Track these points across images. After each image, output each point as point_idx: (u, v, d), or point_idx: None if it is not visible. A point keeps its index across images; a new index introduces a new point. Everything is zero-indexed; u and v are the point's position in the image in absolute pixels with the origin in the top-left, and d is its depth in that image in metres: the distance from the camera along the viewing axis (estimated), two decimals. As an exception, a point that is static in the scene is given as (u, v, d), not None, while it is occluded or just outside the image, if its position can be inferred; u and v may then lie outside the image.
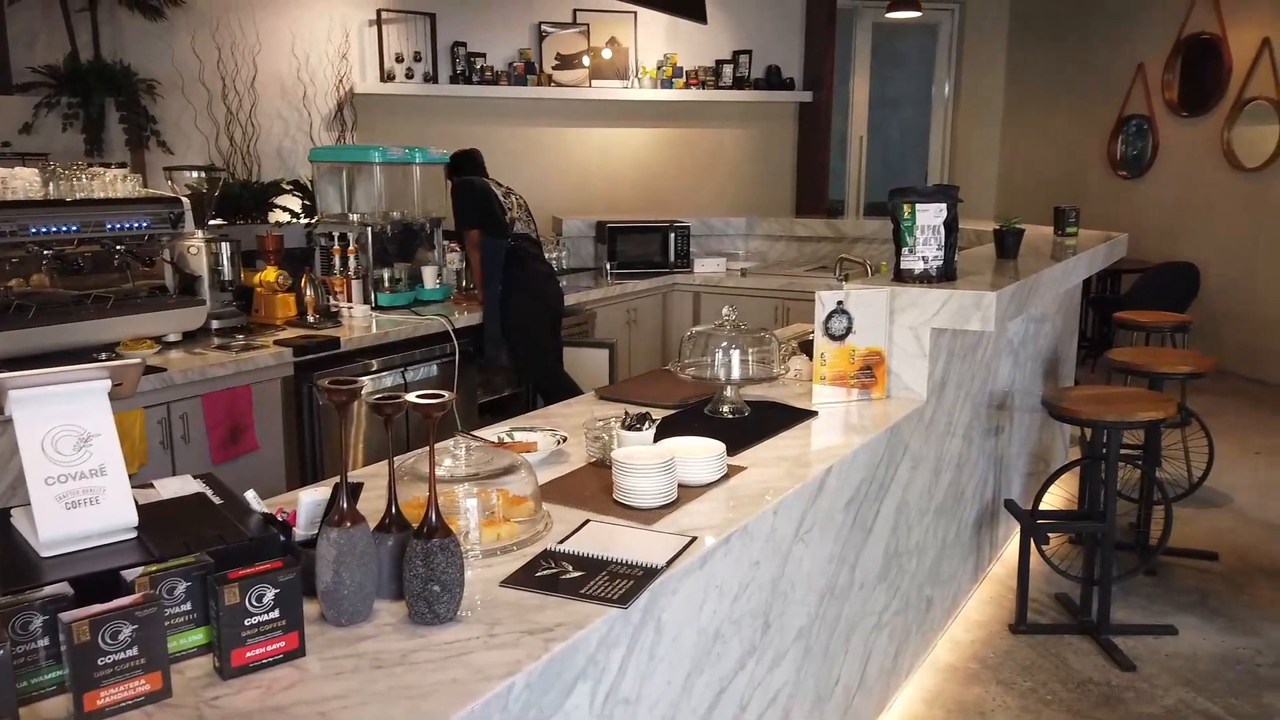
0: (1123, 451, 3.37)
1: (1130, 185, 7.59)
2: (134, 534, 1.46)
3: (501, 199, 4.28)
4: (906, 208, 2.81)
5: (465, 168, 4.43)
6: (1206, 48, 6.94)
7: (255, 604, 1.29)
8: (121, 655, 1.19)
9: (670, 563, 1.65)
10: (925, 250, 2.81)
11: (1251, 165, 6.74)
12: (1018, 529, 3.53)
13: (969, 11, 8.33)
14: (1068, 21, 7.94)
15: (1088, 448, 3.49)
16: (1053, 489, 3.58)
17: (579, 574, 1.59)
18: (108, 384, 1.48)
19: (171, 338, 3.40)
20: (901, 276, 2.84)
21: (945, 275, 2.82)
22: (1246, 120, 6.76)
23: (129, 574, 1.32)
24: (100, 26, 4.78)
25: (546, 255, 4.69)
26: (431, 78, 5.89)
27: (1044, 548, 3.45)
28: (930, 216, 2.81)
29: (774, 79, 6.85)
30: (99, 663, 1.18)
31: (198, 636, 1.33)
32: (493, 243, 4.18)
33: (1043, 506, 3.51)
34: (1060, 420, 3.48)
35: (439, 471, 1.65)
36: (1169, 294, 6.39)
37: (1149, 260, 7.02)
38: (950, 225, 2.82)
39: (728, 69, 6.72)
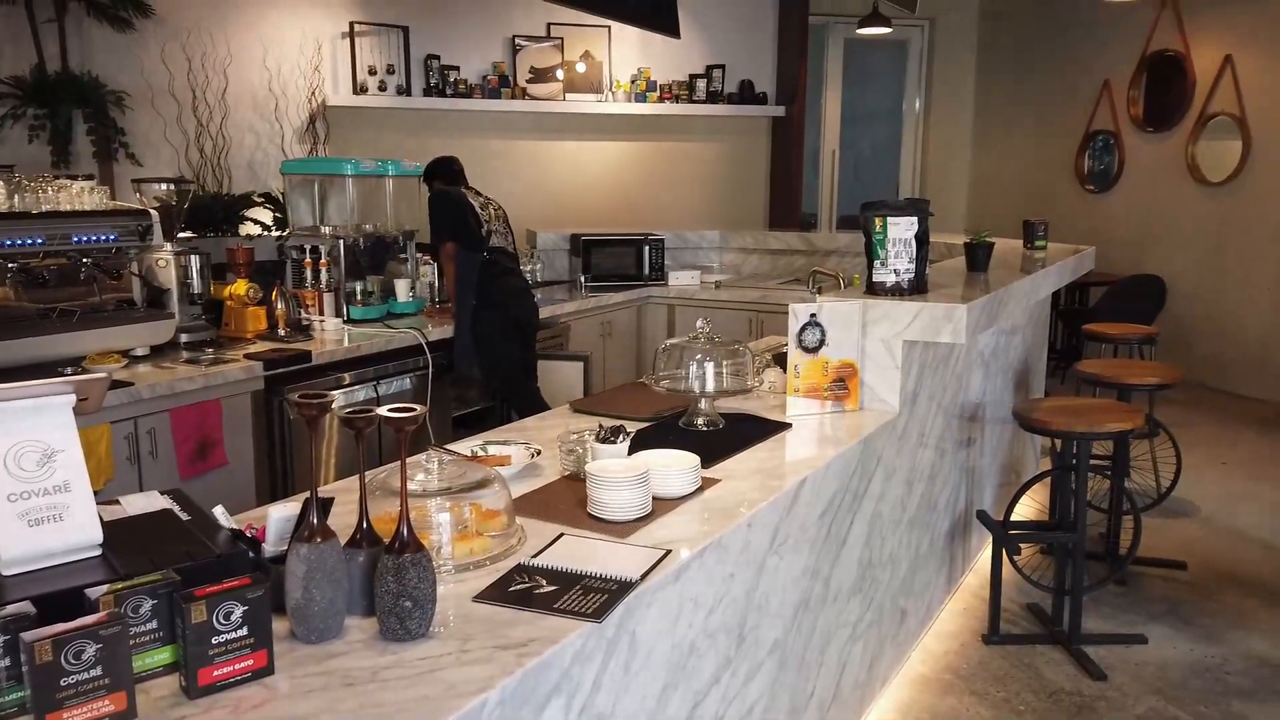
0: (1092, 462, 3.40)
1: (1098, 199, 7.71)
2: (99, 551, 1.44)
3: (478, 210, 4.26)
4: (878, 221, 2.83)
5: (444, 176, 4.41)
6: (1171, 64, 7.07)
7: (223, 621, 1.27)
8: (85, 675, 1.17)
9: (645, 576, 1.64)
10: (897, 263, 2.84)
11: (1215, 179, 6.87)
12: (990, 540, 3.55)
13: (938, 28, 8.44)
14: (1035, 38, 8.06)
15: (1058, 458, 3.53)
16: (1024, 500, 3.61)
17: (553, 588, 1.58)
18: (72, 399, 1.45)
19: (139, 351, 3.35)
20: (874, 289, 2.86)
21: (917, 288, 2.85)
22: (1210, 135, 6.89)
23: (93, 592, 1.29)
24: (68, 37, 4.72)
25: (521, 268, 4.68)
26: (404, 90, 5.87)
27: (1016, 558, 3.48)
28: (901, 230, 2.83)
29: (747, 93, 6.89)
30: (62, 683, 1.15)
31: (164, 655, 1.31)
32: (467, 256, 4.16)
33: (1014, 517, 3.54)
34: (1031, 431, 3.51)
35: (411, 486, 1.64)
36: (1136, 306, 6.48)
37: (1117, 273, 7.12)
38: (921, 238, 2.85)
39: (701, 83, 6.75)
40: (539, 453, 2.25)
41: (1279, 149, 6.51)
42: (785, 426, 2.57)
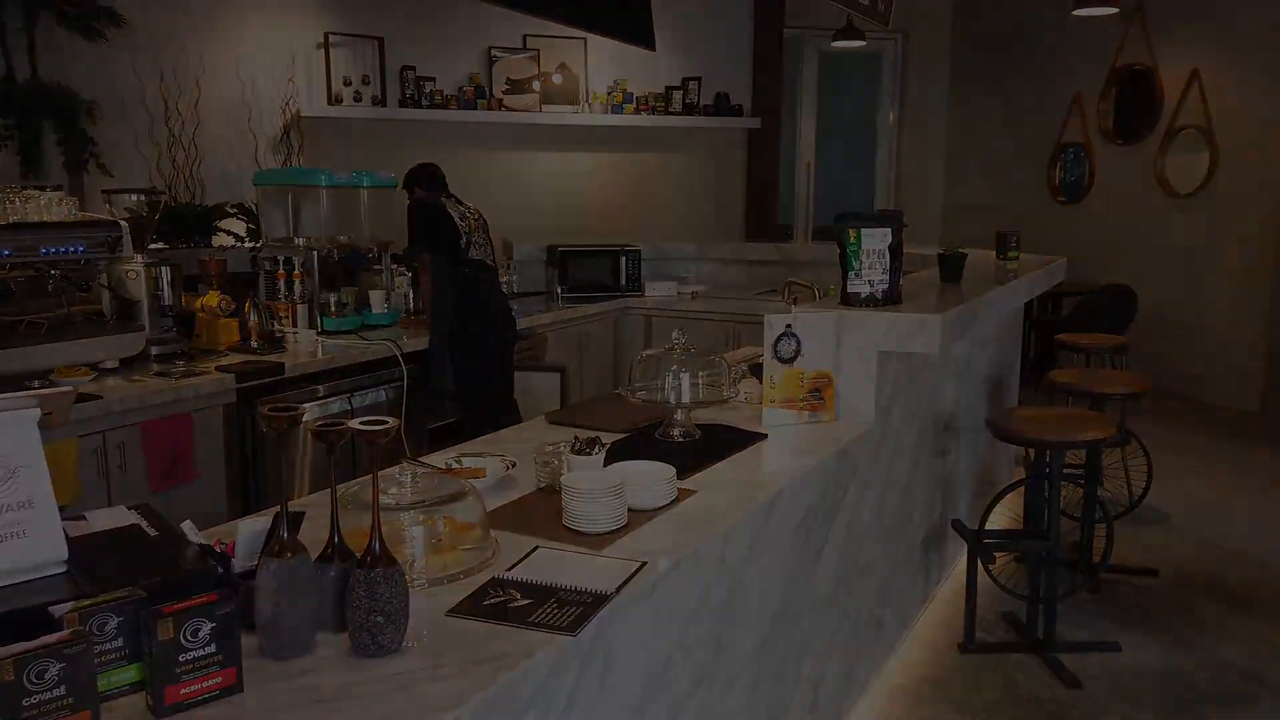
0: (1065, 471, 3.42)
1: (1069, 210, 7.80)
2: (63, 568, 1.41)
3: (458, 221, 4.23)
4: (852, 233, 2.85)
5: (424, 184, 4.37)
6: (1139, 78, 7.17)
7: (190, 639, 1.25)
8: (47, 695, 1.14)
9: (620, 588, 1.63)
10: (871, 274, 2.85)
11: (1184, 191, 6.97)
12: (965, 549, 3.57)
13: (912, 41, 8.52)
14: (1006, 52, 8.15)
15: (1032, 467, 3.55)
16: (998, 508, 3.63)
17: (527, 601, 1.57)
18: (37, 413, 1.43)
19: (109, 364, 3.30)
20: (848, 300, 2.87)
21: (891, 299, 2.86)
22: (1178, 148, 6.99)
23: (57, 610, 1.27)
24: (37, 47, 4.67)
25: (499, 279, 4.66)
26: (380, 101, 5.84)
27: (990, 566, 3.49)
28: (876, 241, 2.85)
29: (723, 105, 6.92)
30: (23, 703, 1.13)
31: (130, 674, 1.29)
32: (444, 267, 4.13)
33: (989, 526, 3.56)
34: (1005, 441, 3.53)
35: (384, 499, 1.62)
36: (1108, 316, 6.55)
37: (1088, 283, 7.19)
38: (895, 250, 2.87)
39: (677, 95, 6.78)
40: (514, 465, 2.24)
41: (1245, 161, 6.63)
42: (761, 437, 2.57)
